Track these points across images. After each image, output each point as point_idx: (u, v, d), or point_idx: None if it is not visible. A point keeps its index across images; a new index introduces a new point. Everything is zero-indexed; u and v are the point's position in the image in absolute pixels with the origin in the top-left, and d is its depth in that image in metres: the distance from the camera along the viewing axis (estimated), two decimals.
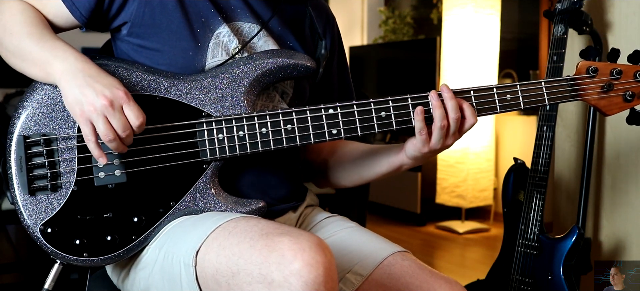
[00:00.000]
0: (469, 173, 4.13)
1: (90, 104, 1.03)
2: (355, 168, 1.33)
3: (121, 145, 1.06)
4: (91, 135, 1.05)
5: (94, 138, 1.05)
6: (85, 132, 1.05)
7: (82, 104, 1.04)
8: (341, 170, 1.36)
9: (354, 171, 1.33)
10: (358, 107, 1.16)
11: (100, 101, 1.03)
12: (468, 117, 1.16)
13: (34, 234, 1.11)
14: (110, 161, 1.09)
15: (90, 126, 1.04)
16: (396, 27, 5.18)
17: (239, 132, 1.15)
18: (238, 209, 1.16)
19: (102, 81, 1.06)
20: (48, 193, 1.11)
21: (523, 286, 1.92)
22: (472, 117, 1.16)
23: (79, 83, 1.05)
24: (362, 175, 1.32)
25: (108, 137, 1.04)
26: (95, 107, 1.03)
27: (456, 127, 1.16)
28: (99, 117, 1.03)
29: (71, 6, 1.17)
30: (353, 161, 1.33)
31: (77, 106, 1.05)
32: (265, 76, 1.18)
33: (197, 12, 1.20)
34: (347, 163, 1.34)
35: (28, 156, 1.10)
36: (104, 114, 1.03)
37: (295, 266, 0.91)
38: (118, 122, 1.04)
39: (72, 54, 1.09)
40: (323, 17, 1.37)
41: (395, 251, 1.21)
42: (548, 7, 2.01)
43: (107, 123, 1.03)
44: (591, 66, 1.23)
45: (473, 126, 1.17)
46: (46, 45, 1.11)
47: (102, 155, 1.06)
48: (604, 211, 2.07)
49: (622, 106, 1.25)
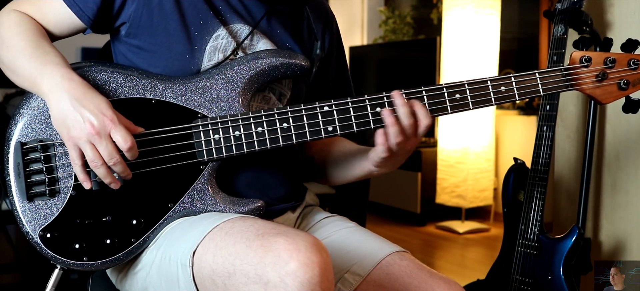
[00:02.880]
0: (469, 173, 4.13)
1: (76, 130, 1.03)
2: (340, 168, 1.33)
3: (109, 173, 1.05)
4: (78, 159, 1.05)
5: (80, 162, 1.05)
6: (72, 156, 1.05)
7: (69, 129, 1.04)
8: (332, 168, 1.36)
9: (339, 171, 1.33)
10: (353, 104, 1.16)
11: (86, 129, 1.03)
12: (422, 118, 1.13)
13: (34, 240, 1.11)
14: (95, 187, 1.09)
15: (78, 151, 1.05)
16: (396, 27, 5.18)
17: (235, 132, 1.15)
18: (236, 210, 1.16)
19: (88, 104, 1.04)
20: (46, 198, 1.11)
21: (523, 286, 1.92)
22: (427, 119, 1.13)
23: (64, 106, 1.04)
24: (345, 176, 1.32)
25: (95, 164, 1.04)
26: (81, 134, 1.03)
27: (412, 131, 1.13)
28: (86, 145, 1.03)
29: (78, 11, 1.17)
30: (339, 161, 1.33)
31: (64, 129, 1.05)
32: (260, 76, 1.18)
33: (195, 14, 1.20)
34: (336, 161, 1.35)
35: (26, 162, 1.10)
36: (91, 142, 1.03)
37: (290, 266, 0.91)
38: (105, 150, 1.03)
39: (59, 72, 1.07)
40: (322, 16, 1.37)
41: (394, 251, 1.21)
42: (548, 7, 2.01)
43: (94, 150, 1.03)
44: (584, 55, 1.23)
45: (428, 127, 1.14)
46: (37, 61, 1.10)
47: (86, 179, 1.07)
48: (604, 211, 2.07)
49: (618, 95, 1.24)
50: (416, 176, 4.35)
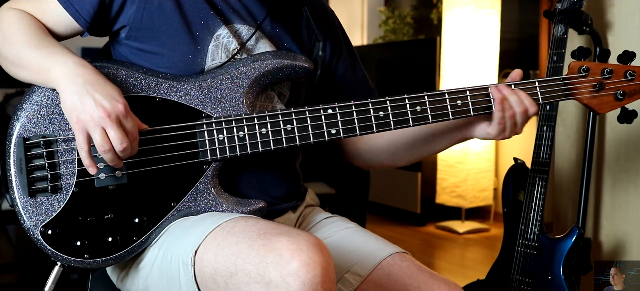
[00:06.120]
0: (469, 173, 4.13)
1: (87, 113, 1.03)
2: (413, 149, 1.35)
3: (116, 158, 1.05)
4: (84, 144, 1.04)
5: (87, 147, 1.04)
6: (79, 140, 1.04)
7: (80, 112, 1.03)
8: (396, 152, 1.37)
9: (412, 151, 1.35)
10: (356, 107, 1.17)
11: (98, 112, 1.02)
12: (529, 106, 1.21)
13: (35, 237, 1.11)
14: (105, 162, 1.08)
15: (85, 134, 1.04)
16: (396, 27, 5.18)
17: (239, 132, 1.15)
18: (239, 210, 1.17)
19: (101, 90, 1.05)
20: (48, 194, 1.11)
21: (523, 286, 1.92)
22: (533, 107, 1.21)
23: (77, 90, 1.04)
24: (422, 153, 1.35)
25: (104, 148, 1.03)
26: (92, 118, 1.02)
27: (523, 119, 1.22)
28: (96, 128, 1.03)
29: (74, 13, 1.16)
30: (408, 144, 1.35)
31: (74, 112, 1.04)
32: (264, 77, 1.18)
33: (196, 14, 1.20)
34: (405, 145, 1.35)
35: (28, 157, 1.10)
36: (101, 126, 1.03)
37: (292, 266, 0.91)
38: (115, 135, 1.03)
39: (71, 58, 1.08)
40: (322, 15, 1.37)
41: (394, 252, 1.21)
42: (548, 7, 2.01)
43: (103, 134, 1.03)
44: (583, 65, 1.27)
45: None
46: (45, 51, 1.10)
47: (92, 165, 1.06)
48: (604, 211, 2.07)
49: (614, 105, 1.28)
50: (416, 176, 4.35)
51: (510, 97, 1.20)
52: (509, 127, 1.22)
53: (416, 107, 1.19)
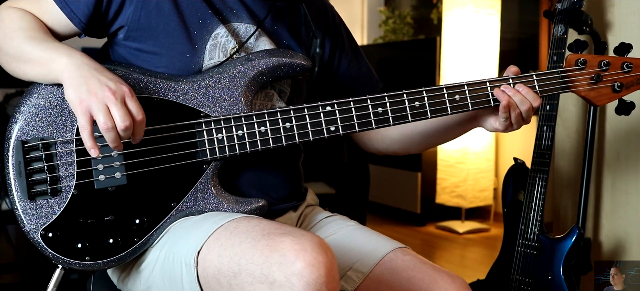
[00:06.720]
0: (469, 173, 4.13)
1: (92, 93, 1.02)
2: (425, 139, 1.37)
3: (117, 138, 1.03)
4: (87, 124, 1.01)
5: (90, 128, 1.02)
6: (82, 122, 1.02)
7: (84, 93, 1.02)
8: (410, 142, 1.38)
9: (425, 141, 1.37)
10: (355, 103, 1.17)
11: (103, 91, 1.02)
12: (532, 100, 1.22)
13: (35, 240, 1.10)
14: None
15: (88, 116, 1.02)
16: (396, 27, 5.18)
17: (238, 131, 1.15)
18: (239, 209, 1.17)
19: (107, 74, 1.06)
20: (48, 197, 1.10)
21: (523, 286, 1.92)
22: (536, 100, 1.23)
23: (83, 74, 1.04)
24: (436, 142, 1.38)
25: (106, 126, 1.01)
26: (97, 96, 1.01)
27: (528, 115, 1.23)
28: (100, 106, 1.01)
29: (70, 13, 1.16)
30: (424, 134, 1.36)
31: (77, 95, 1.03)
32: (262, 76, 1.18)
33: (193, 14, 1.20)
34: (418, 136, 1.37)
35: (27, 161, 1.10)
36: (106, 104, 1.01)
37: (297, 266, 0.91)
38: (119, 112, 1.01)
39: (76, 51, 1.10)
40: (321, 12, 1.37)
41: (396, 248, 1.22)
42: (548, 7, 2.01)
43: (107, 111, 1.01)
44: (580, 58, 1.26)
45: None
46: (48, 44, 1.11)
47: (94, 146, 1.02)
48: (604, 211, 2.08)
49: (611, 97, 1.28)
50: (416, 176, 4.35)
51: (514, 98, 1.21)
52: (515, 123, 1.24)
53: (415, 103, 1.19)
